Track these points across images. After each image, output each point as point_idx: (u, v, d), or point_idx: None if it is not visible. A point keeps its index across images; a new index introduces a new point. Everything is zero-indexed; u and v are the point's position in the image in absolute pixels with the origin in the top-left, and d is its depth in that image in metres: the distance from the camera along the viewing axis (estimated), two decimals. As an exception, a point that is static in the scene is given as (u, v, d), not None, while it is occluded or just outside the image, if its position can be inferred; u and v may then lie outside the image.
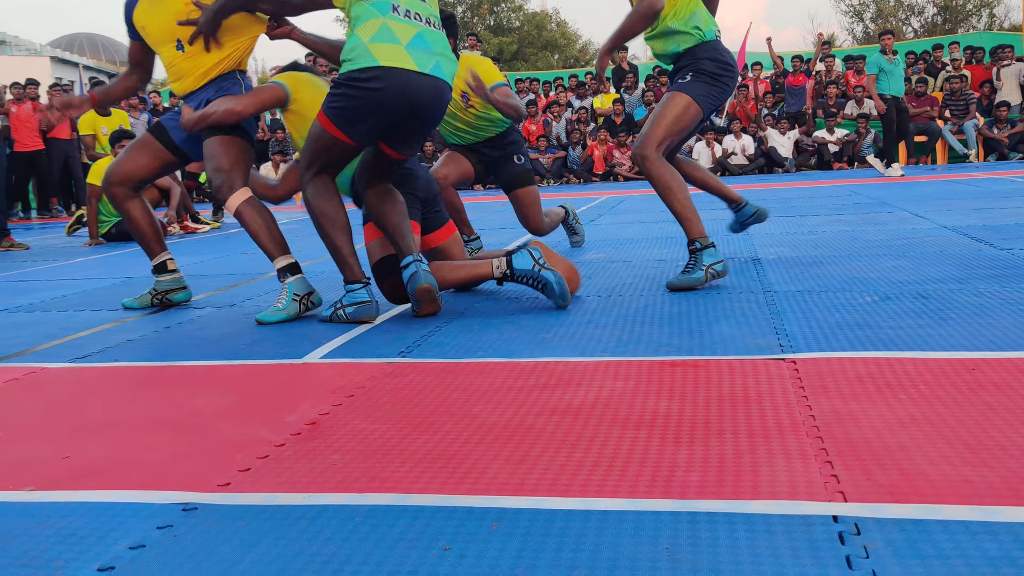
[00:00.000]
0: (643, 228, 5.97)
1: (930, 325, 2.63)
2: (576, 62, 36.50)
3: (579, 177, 13.77)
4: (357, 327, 3.10)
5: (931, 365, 2.20)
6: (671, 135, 3.48)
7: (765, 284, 3.50)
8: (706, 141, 13.30)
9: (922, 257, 3.94)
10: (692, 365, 2.34)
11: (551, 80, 16.07)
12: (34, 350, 3.09)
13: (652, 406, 2.00)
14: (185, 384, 2.48)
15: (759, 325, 2.78)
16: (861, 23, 31.99)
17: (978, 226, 4.94)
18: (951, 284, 3.24)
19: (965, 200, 6.69)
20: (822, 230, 5.25)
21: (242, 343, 2.98)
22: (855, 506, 1.41)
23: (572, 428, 1.88)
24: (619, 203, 8.61)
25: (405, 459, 1.75)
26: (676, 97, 3.46)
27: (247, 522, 1.49)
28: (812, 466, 1.59)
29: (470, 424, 1.94)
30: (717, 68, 3.47)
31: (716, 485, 1.53)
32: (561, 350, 2.59)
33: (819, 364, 2.28)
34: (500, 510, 1.48)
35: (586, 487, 1.55)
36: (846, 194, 8.02)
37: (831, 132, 13.38)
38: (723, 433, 1.79)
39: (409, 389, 2.26)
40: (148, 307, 3.82)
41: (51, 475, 1.79)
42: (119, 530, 1.49)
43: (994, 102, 13.24)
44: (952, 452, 1.61)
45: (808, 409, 1.92)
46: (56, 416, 2.23)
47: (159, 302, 3.82)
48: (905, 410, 1.87)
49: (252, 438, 1.94)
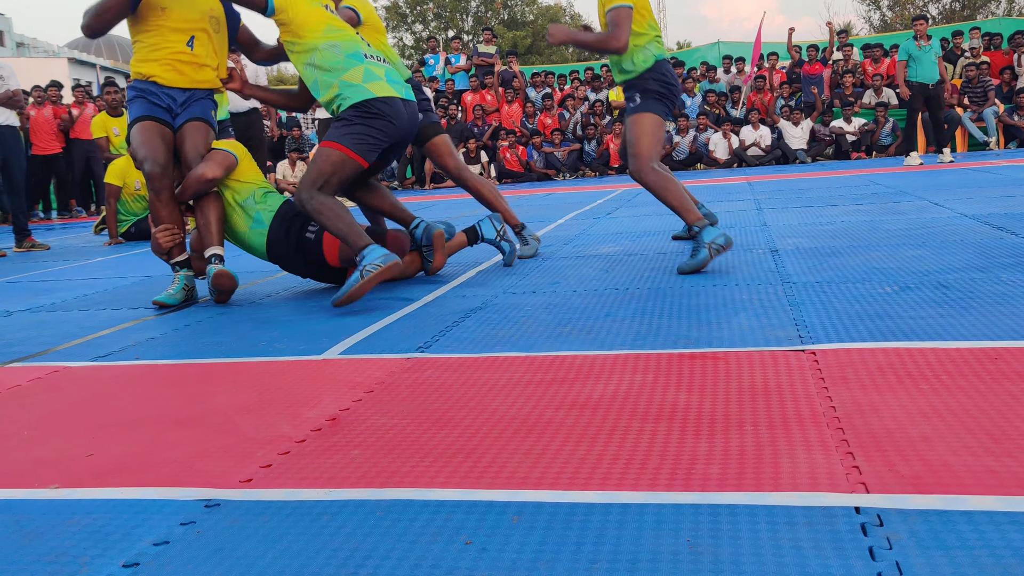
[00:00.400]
0: (660, 220, 5.95)
1: (951, 315, 2.61)
2: (591, 55, 36.40)
3: (595, 170, 13.74)
4: (375, 323, 3.11)
5: (953, 355, 2.18)
6: (653, 148, 3.88)
7: (783, 275, 3.48)
8: (723, 132, 13.23)
9: (942, 246, 3.91)
10: (711, 357, 2.33)
11: (566, 74, 16.02)
12: (56, 349, 3.12)
13: (671, 399, 2.00)
14: (206, 381, 2.50)
15: (778, 316, 2.77)
16: (878, 11, 31.73)
17: (999, 214, 4.89)
18: (972, 273, 3.21)
19: (985, 188, 6.62)
20: (840, 220, 5.21)
21: (262, 340, 3.00)
22: (877, 497, 1.40)
23: (591, 422, 1.88)
24: (635, 196, 8.59)
25: (425, 454, 1.75)
26: (641, 118, 3.91)
27: (269, 518, 1.50)
28: (833, 457, 1.58)
29: (489, 418, 1.95)
30: (661, 87, 3.95)
31: (737, 477, 1.52)
32: (579, 344, 2.59)
33: (839, 355, 2.27)
34: (521, 504, 1.48)
35: (606, 480, 1.55)
36: (864, 184, 7.97)
37: (848, 122, 13.28)
38: (743, 425, 1.79)
39: (428, 384, 2.27)
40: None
41: (75, 473, 1.81)
42: (143, 527, 1.50)
43: (1015, 88, 13.09)
44: (975, 442, 1.60)
45: (828, 400, 1.91)
46: (79, 414, 2.26)
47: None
48: (927, 400, 1.86)
49: (273, 434, 1.95)
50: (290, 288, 4.12)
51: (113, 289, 4.63)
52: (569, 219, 6.61)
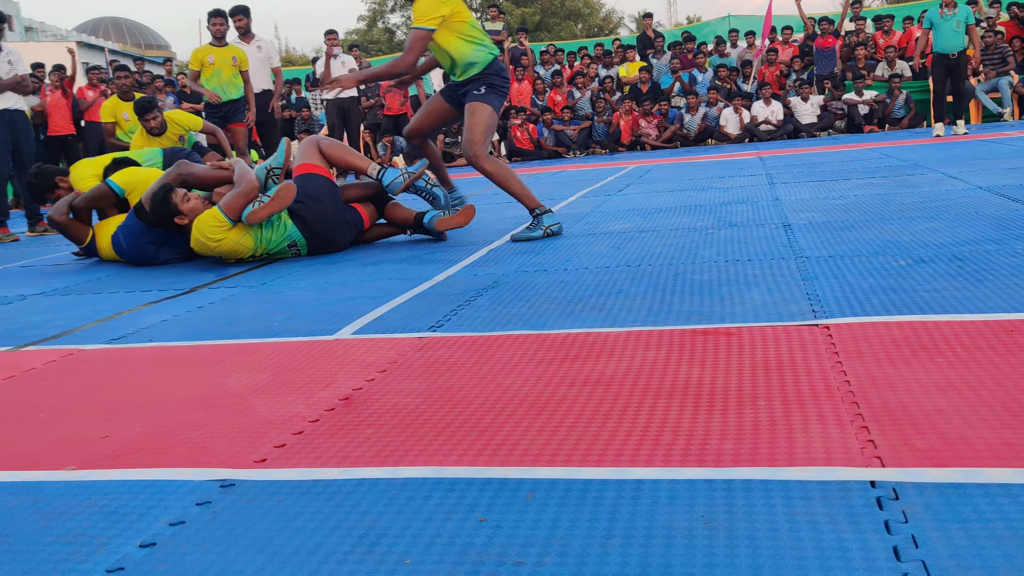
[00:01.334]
0: (671, 197, 5.92)
1: (966, 287, 2.59)
2: (600, 31, 36.12)
3: (605, 147, 13.68)
4: (388, 303, 3.11)
5: (968, 328, 2.17)
6: (487, 137, 4.51)
7: (796, 250, 3.46)
8: (734, 108, 13.13)
9: (957, 219, 3.88)
10: (724, 333, 2.33)
11: (575, 51, 15.91)
12: (71, 332, 3.14)
13: (684, 375, 1.99)
14: (219, 363, 2.51)
15: (791, 291, 2.76)
16: (890, -18, 31.32)
17: (1014, 186, 4.84)
18: (987, 245, 3.19)
19: (1000, 160, 6.55)
20: (853, 194, 5.17)
21: (274, 321, 3.00)
22: (893, 471, 1.39)
23: (604, 398, 1.88)
24: (647, 172, 8.55)
25: (439, 432, 1.75)
26: (480, 107, 4.50)
27: (284, 497, 1.51)
28: (848, 432, 1.58)
29: (502, 396, 1.95)
30: (500, 81, 4.58)
31: (751, 453, 1.52)
32: (591, 321, 2.59)
33: (853, 329, 2.25)
34: (535, 481, 1.48)
35: (620, 457, 1.55)
36: (877, 157, 7.90)
37: (859, 94, 13.15)
38: (757, 400, 1.78)
39: (440, 363, 2.27)
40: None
41: (92, 454, 1.82)
42: (159, 507, 1.51)
43: (1029, 58, 12.92)
44: (991, 415, 1.59)
45: (843, 375, 1.90)
46: (94, 396, 2.27)
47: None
48: (942, 374, 1.85)
49: (287, 414, 1.96)
50: (300, 270, 4.13)
51: (126, 272, 4.65)
52: (580, 196, 6.59)
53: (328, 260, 4.36)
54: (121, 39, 41.42)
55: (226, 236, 4.31)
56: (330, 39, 12.35)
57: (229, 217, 4.27)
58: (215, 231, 4.30)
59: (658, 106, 13.63)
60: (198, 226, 4.33)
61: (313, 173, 4.54)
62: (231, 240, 4.32)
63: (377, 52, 32.36)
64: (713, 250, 3.63)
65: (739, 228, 4.19)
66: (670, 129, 13.47)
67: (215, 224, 4.29)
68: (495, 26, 15.50)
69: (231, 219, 4.28)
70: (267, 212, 4.25)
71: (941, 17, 9.94)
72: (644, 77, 14.17)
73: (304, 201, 4.43)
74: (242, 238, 4.34)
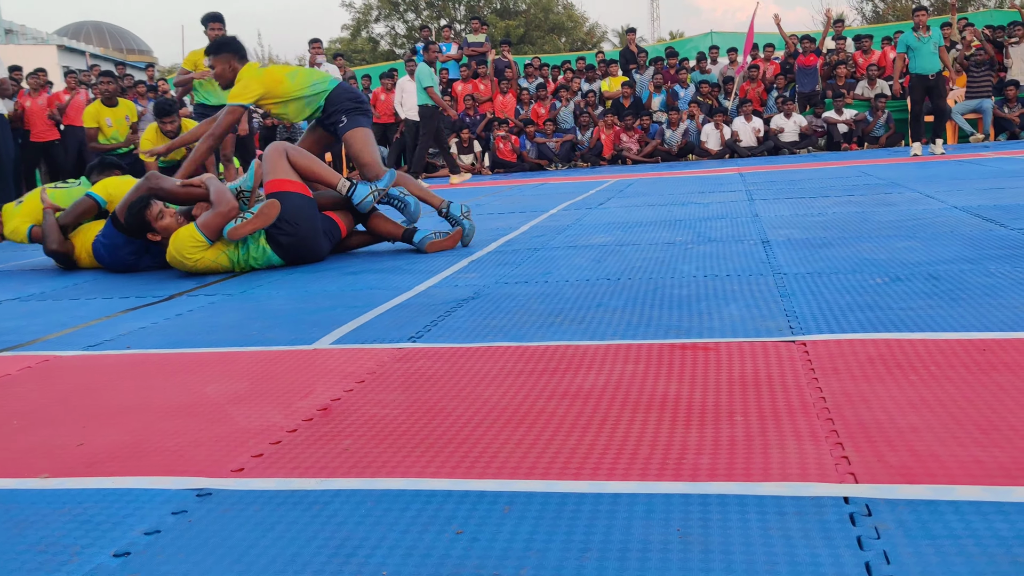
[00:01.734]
0: (651, 211, 5.96)
1: (941, 306, 2.62)
2: (583, 44, 36.31)
3: (587, 161, 13.73)
4: (367, 312, 3.11)
5: (942, 346, 2.19)
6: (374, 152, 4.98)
7: (775, 266, 3.49)
8: (715, 124, 13.23)
9: (933, 238, 3.93)
10: (702, 348, 2.34)
11: (559, 64, 15.98)
12: (47, 338, 3.12)
13: (662, 389, 2.01)
14: (197, 371, 2.50)
15: (769, 307, 2.78)
16: (870, 2, 31.73)
17: (989, 206, 4.91)
18: (962, 265, 3.23)
19: (976, 180, 6.65)
20: (832, 211, 5.23)
21: (253, 330, 2.99)
22: (866, 487, 1.41)
23: (583, 411, 1.88)
24: (627, 186, 8.59)
25: (417, 444, 1.76)
26: (352, 135, 4.96)
27: (261, 507, 1.50)
28: (823, 448, 1.59)
29: (481, 408, 1.95)
30: (354, 104, 4.99)
31: (727, 467, 1.53)
32: (571, 334, 2.60)
33: (829, 346, 2.28)
34: (512, 493, 1.48)
35: (597, 470, 1.56)
36: (856, 175, 7.99)
37: (839, 113, 13.29)
38: (733, 415, 1.80)
39: (420, 374, 2.27)
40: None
41: (66, 462, 1.80)
42: (134, 516, 1.50)
43: (1004, 80, 13.12)
44: (963, 433, 1.61)
45: (819, 391, 1.92)
46: (70, 403, 2.25)
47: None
48: (916, 391, 1.87)
49: (265, 424, 1.95)
50: (280, 278, 4.12)
51: (104, 278, 4.61)
52: (561, 209, 6.61)
53: (308, 269, 4.36)
54: (103, 43, 41.19)
55: (203, 256, 4.28)
56: (315, 48, 12.33)
57: (207, 236, 4.24)
58: (192, 250, 4.26)
59: (640, 121, 13.71)
60: (175, 243, 4.29)
61: (287, 191, 4.41)
62: (207, 259, 4.30)
63: (361, 61, 32.33)
64: (692, 265, 3.65)
65: (718, 243, 4.22)
66: (651, 144, 13.55)
67: (192, 243, 4.25)
68: (477, 38, 15.56)
69: (209, 238, 4.25)
70: (250, 229, 4.22)
71: (919, 40, 10.14)
72: (626, 92, 14.26)
73: (280, 225, 4.33)
74: (218, 257, 4.31)
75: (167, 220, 4.44)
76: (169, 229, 4.40)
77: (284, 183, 4.44)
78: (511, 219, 6.13)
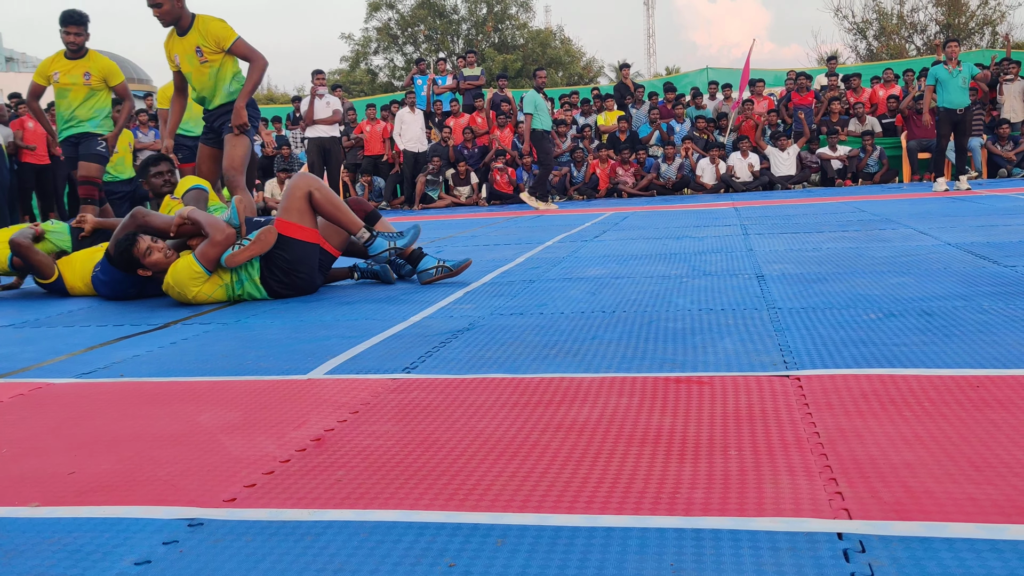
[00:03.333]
0: (647, 244, 5.98)
1: (934, 342, 2.63)
2: (580, 79, 36.64)
3: (583, 194, 13.80)
4: (362, 342, 3.11)
5: (936, 382, 2.20)
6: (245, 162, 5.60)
7: (769, 300, 3.50)
8: (711, 158, 13.33)
9: (926, 274, 3.95)
10: (696, 381, 2.34)
11: (556, 98, 16.12)
12: (40, 365, 3.11)
13: (656, 422, 2.01)
14: (190, 400, 2.49)
15: (763, 342, 2.79)
16: (864, 40, 32.08)
17: (982, 243, 4.94)
18: (955, 301, 3.24)
19: (968, 217, 6.69)
20: (826, 247, 5.26)
21: (247, 359, 2.99)
22: (860, 523, 1.41)
23: (577, 444, 1.88)
24: (623, 219, 8.63)
25: (410, 475, 1.75)
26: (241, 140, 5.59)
27: (252, 538, 1.49)
28: (817, 483, 1.59)
29: (475, 440, 1.95)
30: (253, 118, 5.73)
31: (721, 502, 1.53)
32: (566, 366, 2.60)
33: (823, 381, 2.28)
34: (505, 526, 1.48)
35: (591, 503, 1.56)
36: (850, 211, 8.04)
37: (833, 149, 13.40)
38: (727, 450, 1.80)
39: (414, 405, 2.27)
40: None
41: (57, 491, 1.79)
42: (125, 546, 1.49)
43: (996, 119, 13.25)
44: (957, 470, 1.62)
45: (812, 426, 1.92)
46: (62, 431, 2.24)
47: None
48: (910, 427, 1.87)
49: (258, 454, 1.95)
50: (275, 308, 4.11)
51: (97, 305, 4.61)
52: (557, 241, 6.63)
53: (303, 299, 4.36)
54: (102, 72, 41.31)
55: (201, 288, 4.27)
56: (318, 79, 12.45)
57: (205, 267, 4.23)
58: (192, 283, 4.25)
59: (635, 155, 13.80)
60: (174, 276, 4.26)
61: (294, 239, 4.32)
62: (205, 293, 4.29)
63: (359, 93, 32.60)
64: (687, 298, 3.66)
65: (713, 277, 4.23)
66: (647, 178, 13.63)
67: (191, 275, 4.24)
68: (473, 72, 15.69)
69: (207, 269, 4.24)
70: (247, 256, 4.21)
71: (949, 74, 10.08)
72: (623, 126, 14.36)
73: (276, 274, 4.31)
74: (215, 291, 4.31)
75: (155, 256, 4.37)
76: (159, 264, 4.36)
77: (294, 228, 4.34)
78: (507, 251, 6.15)
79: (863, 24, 31.89)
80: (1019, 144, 12.91)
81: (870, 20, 31.79)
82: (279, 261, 4.32)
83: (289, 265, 4.33)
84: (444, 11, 37.47)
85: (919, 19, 31.23)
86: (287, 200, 4.40)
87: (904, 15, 31.17)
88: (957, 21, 29.65)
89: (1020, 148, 12.87)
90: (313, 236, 4.42)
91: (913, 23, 31.36)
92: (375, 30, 37.63)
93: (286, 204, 4.39)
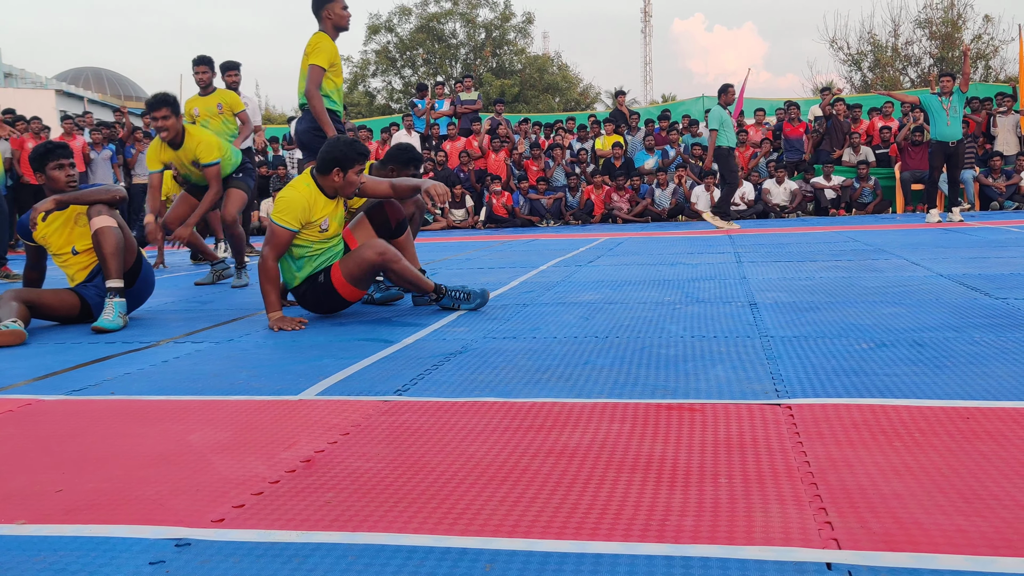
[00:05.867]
0: (640, 270, 6.00)
1: (925, 373, 2.64)
2: (577, 105, 36.85)
3: (578, 219, 13.85)
4: (354, 364, 3.10)
5: (926, 413, 2.21)
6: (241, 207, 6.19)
7: (761, 329, 3.51)
8: (705, 186, 13.39)
9: (918, 305, 3.96)
10: (688, 408, 2.35)
11: (551, 123, 16.21)
12: (30, 382, 3.09)
13: (647, 449, 2.00)
14: (180, 419, 2.48)
15: (755, 370, 2.79)
16: (859, 71, 32.37)
17: (974, 275, 4.97)
18: (947, 332, 3.26)
19: (961, 249, 6.73)
20: (819, 276, 5.28)
21: (238, 379, 2.98)
22: (849, 553, 1.41)
23: (567, 470, 1.88)
24: (617, 245, 8.65)
25: (400, 498, 1.74)
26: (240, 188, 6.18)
27: (240, 559, 1.49)
28: (806, 512, 1.59)
29: (465, 464, 1.94)
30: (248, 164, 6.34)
31: (710, 530, 1.53)
32: (558, 391, 2.60)
33: (814, 410, 2.28)
34: (494, 552, 1.47)
35: (580, 530, 1.55)
36: (843, 240, 8.07)
37: (827, 179, 13.48)
38: (718, 478, 1.80)
39: (405, 428, 2.26)
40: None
41: (44, 508, 1.78)
42: (111, 565, 1.48)
43: (989, 152, 13.36)
44: (946, 501, 1.62)
45: (803, 455, 1.92)
46: (51, 449, 2.23)
47: None
48: (900, 458, 1.88)
49: (247, 474, 1.94)
50: (268, 328, 4.11)
51: (90, 322, 4.59)
52: (551, 265, 6.65)
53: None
54: (101, 89, 41.56)
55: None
56: None
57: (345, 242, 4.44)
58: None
59: (630, 181, 13.87)
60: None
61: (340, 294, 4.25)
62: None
63: (357, 114, 32.71)
64: (680, 325, 3.67)
65: (706, 305, 4.25)
66: (641, 204, 13.69)
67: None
68: (470, 96, 15.78)
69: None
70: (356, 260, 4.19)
71: (943, 107, 10.14)
72: (618, 152, 14.44)
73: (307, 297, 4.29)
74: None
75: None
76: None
77: (346, 288, 4.23)
78: (501, 274, 6.16)
79: (858, 55, 32.18)
80: (1011, 177, 13.02)
81: (865, 52, 32.09)
82: (313, 296, 4.28)
83: (316, 302, 4.31)
84: (443, 35, 37.72)
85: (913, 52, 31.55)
86: (355, 266, 4.18)
87: (898, 48, 31.47)
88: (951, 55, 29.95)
89: (1012, 181, 12.97)
90: (356, 297, 4.34)
91: (907, 55, 31.66)
92: (374, 53, 37.86)
93: (351, 267, 4.18)
